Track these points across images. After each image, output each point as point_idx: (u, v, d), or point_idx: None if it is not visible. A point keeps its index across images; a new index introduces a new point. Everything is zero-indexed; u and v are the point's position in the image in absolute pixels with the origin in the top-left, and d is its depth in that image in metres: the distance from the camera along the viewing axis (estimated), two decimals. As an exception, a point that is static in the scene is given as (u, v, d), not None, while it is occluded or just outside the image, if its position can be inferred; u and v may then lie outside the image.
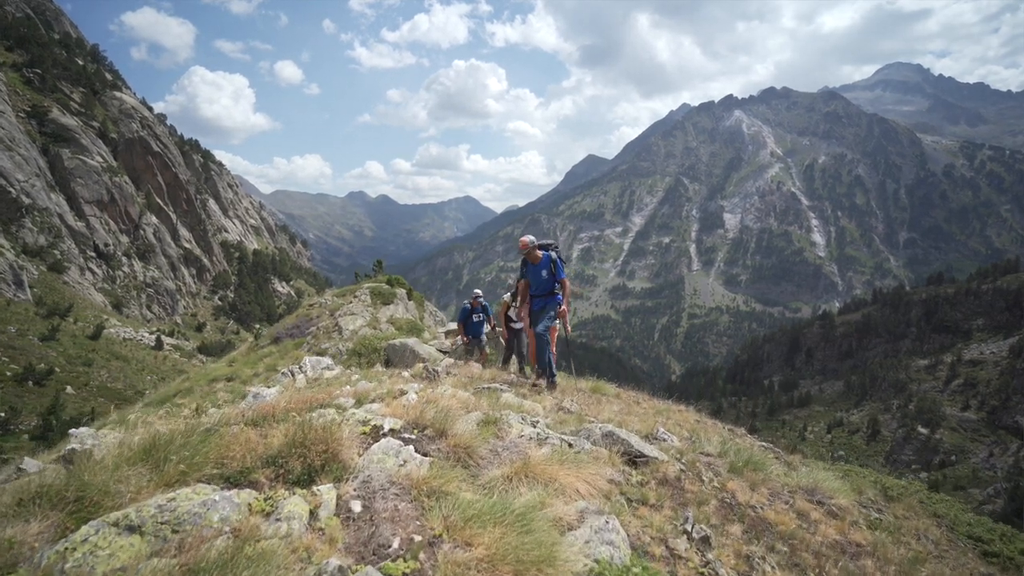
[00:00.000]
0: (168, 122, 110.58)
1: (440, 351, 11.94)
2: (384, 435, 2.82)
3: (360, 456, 2.43)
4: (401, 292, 21.88)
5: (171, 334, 65.56)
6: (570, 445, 3.34)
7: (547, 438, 3.30)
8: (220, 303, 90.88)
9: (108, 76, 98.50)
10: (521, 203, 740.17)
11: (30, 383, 35.80)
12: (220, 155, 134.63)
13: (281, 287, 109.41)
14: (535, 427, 3.56)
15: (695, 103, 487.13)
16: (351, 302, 19.52)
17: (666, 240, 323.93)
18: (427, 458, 2.63)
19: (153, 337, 57.18)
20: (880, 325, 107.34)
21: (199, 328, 78.57)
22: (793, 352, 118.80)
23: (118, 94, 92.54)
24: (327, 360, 6.57)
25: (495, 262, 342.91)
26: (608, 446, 3.45)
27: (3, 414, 30.78)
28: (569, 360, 7.94)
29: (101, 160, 77.29)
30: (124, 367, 45.63)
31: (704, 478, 3.60)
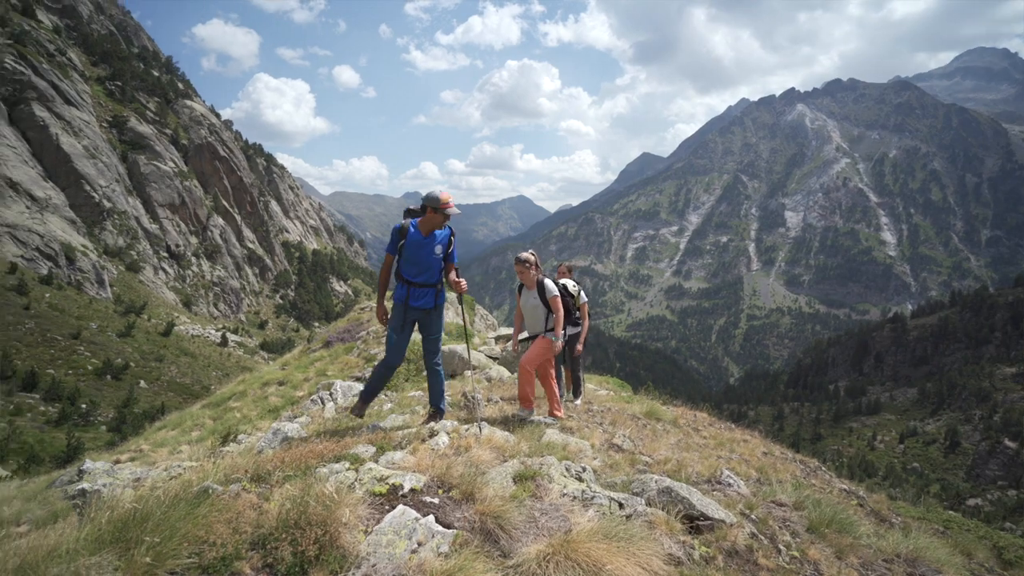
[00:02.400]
0: (234, 128, 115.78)
1: (490, 357, 11.59)
2: (403, 496, 2.44)
3: (367, 535, 2.06)
4: (452, 297, 21.75)
5: (235, 331, 68.47)
6: (620, 505, 2.87)
7: (593, 498, 2.84)
8: (281, 301, 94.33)
9: (180, 85, 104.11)
10: (575, 202, 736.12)
11: (108, 377, 38.00)
12: (282, 158, 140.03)
13: (339, 286, 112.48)
14: (580, 480, 3.10)
15: (754, 98, 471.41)
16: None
17: (724, 239, 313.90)
18: (450, 531, 2.23)
19: (219, 334, 59.84)
20: (959, 329, 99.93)
21: (261, 326, 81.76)
22: (861, 356, 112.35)
23: (189, 102, 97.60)
24: (359, 387, 6.29)
25: (548, 262, 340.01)
26: (665, 506, 2.95)
27: (84, 406, 32.76)
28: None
29: (173, 165, 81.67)
30: (192, 363, 47.84)
31: (780, 544, 3.05)
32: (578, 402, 6.71)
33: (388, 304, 4.74)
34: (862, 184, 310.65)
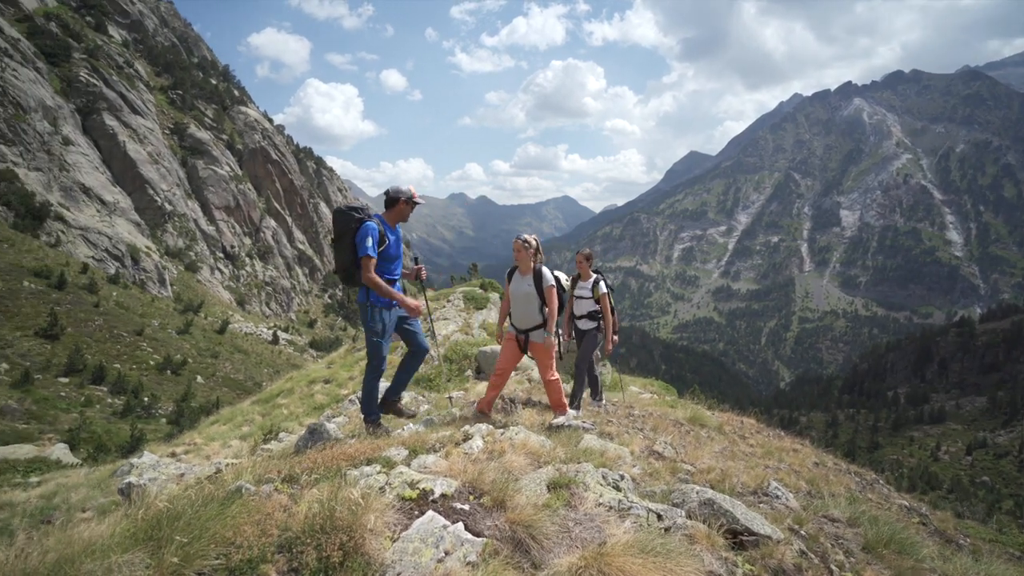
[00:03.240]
0: (286, 132, 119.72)
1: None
2: (433, 501, 2.40)
3: (394, 542, 2.02)
4: (494, 296, 21.78)
5: (286, 330, 70.77)
6: (659, 517, 2.74)
7: (630, 508, 2.72)
8: (330, 301, 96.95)
9: (236, 93, 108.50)
10: (620, 202, 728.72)
11: (168, 372, 39.91)
12: (331, 161, 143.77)
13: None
14: (617, 489, 2.98)
15: (807, 93, 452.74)
16: (444, 307, 19.67)
17: (774, 239, 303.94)
18: (479, 539, 2.17)
19: (270, 332, 61.97)
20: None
21: (311, 324, 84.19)
22: (923, 362, 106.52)
23: (244, 108, 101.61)
24: None
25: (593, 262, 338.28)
26: (707, 519, 2.81)
27: (147, 399, 34.50)
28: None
29: (229, 169, 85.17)
30: (245, 360, 49.70)
31: (832, 564, 2.85)
32: (600, 406, 6.12)
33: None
34: (925, 181, 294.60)
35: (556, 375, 5.03)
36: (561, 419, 4.80)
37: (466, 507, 2.38)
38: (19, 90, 58.12)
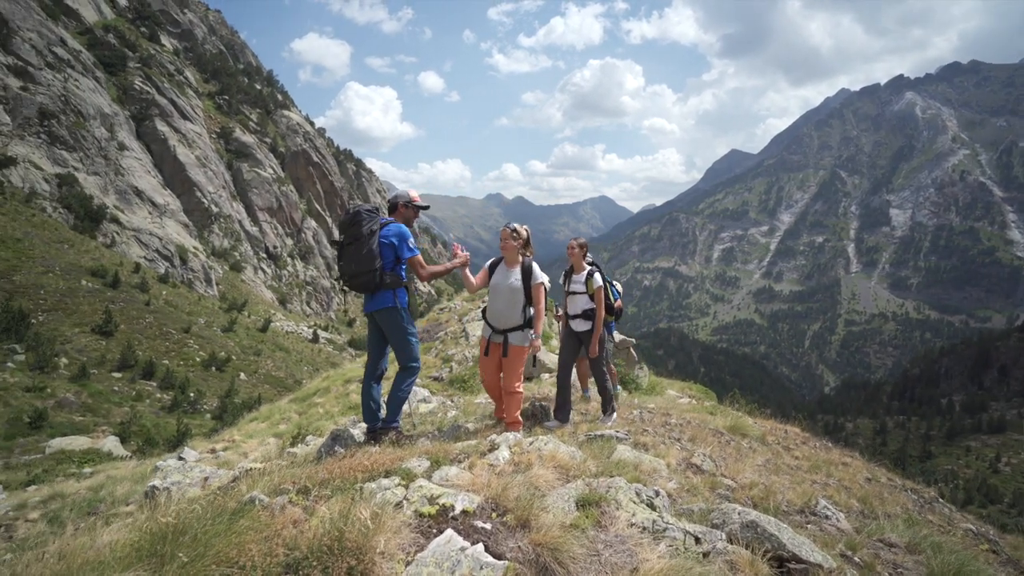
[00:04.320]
0: (326, 135, 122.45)
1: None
2: (454, 518, 2.26)
3: (408, 565, 1.89)
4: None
5: (326, 328, 72.25)
6: (697, 540, 2.54)
7: (665, 529, 2.52)
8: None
9: (279, 97, 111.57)
10: (658, 202, 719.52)
11: (213, 369, 41.20)
12: (370, 163, 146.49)
13: (423, 286, 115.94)
14: (651, 507, 2.78)
15: (855, 88, 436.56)
16: (479, 307, 19.63)
17: (819, 239, 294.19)
18: (500, 562, 2.01)
19: (311, 331, 63.36)
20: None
21: (350, 323, 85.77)
22: (981, 368, 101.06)
23: (286, 112, 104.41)
24: (423, 392, 6.24)
25: (630, 262, 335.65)
26: (749, 543, 2.58)
27: (193, 395, 35.70)
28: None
29: (272, 172, 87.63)
30: (286, 358, 50.92)
31: (892, 598, 2.59)
32: (609, 420, 5.24)
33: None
34: (984, 177, 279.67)
35: (522, 388, 4.54)
36: (511, 436, 3.84)
37: (488, 526, 2.23)
38: (80, 99, 61.14)
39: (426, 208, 4.69)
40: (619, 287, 6.50)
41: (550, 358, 10.76)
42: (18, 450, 21.57)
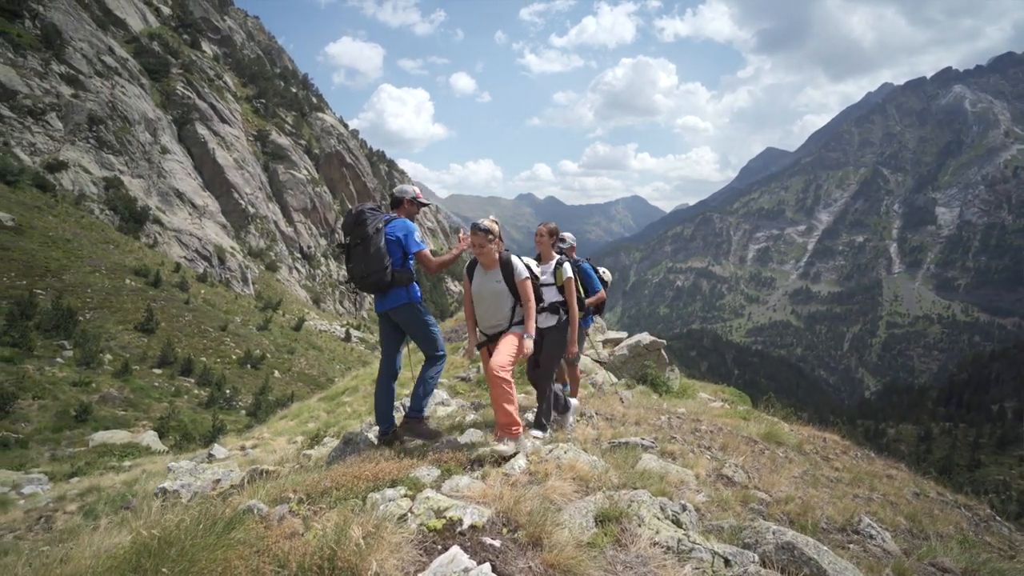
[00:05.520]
0: (359, 136, 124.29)
1: (597, 361, 11.08)
2: (461, 533, 2.12)
3: (407, 586, 1.76)
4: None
5: (358, 327, 73.27)
6: (726, 562, 2.33)
7: (692, 550, 2.32)
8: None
9: (314, 100, 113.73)
10: (691, 201, 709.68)
11: (248, 366, 42.15)
12: (402, 164, 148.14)
13: (454, 286, 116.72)
14: (677, 524, 2.58)
15: (898, 82, 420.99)
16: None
17: (859, 239, 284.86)
18: (509, 584, 1.87)
19: (343, 330, 64.34)
20: None
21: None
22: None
23: (320, 115, 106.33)
24: (442, 395, 6.11)
25: (663, 263, 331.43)
26: (785, 567, 2.36)
27: (228, 392, 36.58)
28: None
29: (306, 173, 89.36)
30: (319, 356, 51.79)
31: (947, 633, 2.34)
32: (538, 433, 4.34)
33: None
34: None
35: (509, 375, 3.80)
36: (507, 447, 3.47)
37: (497, 543, 2.08)
38: (126, 105, 63.50)
39: (427, 205, 4.64)
40: (607, 275, 5.96)
41: (582, 360, 10.54)
42: (65, 442, 22.37)
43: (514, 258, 4.14)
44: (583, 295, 5.11)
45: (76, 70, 59.85)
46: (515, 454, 3.36)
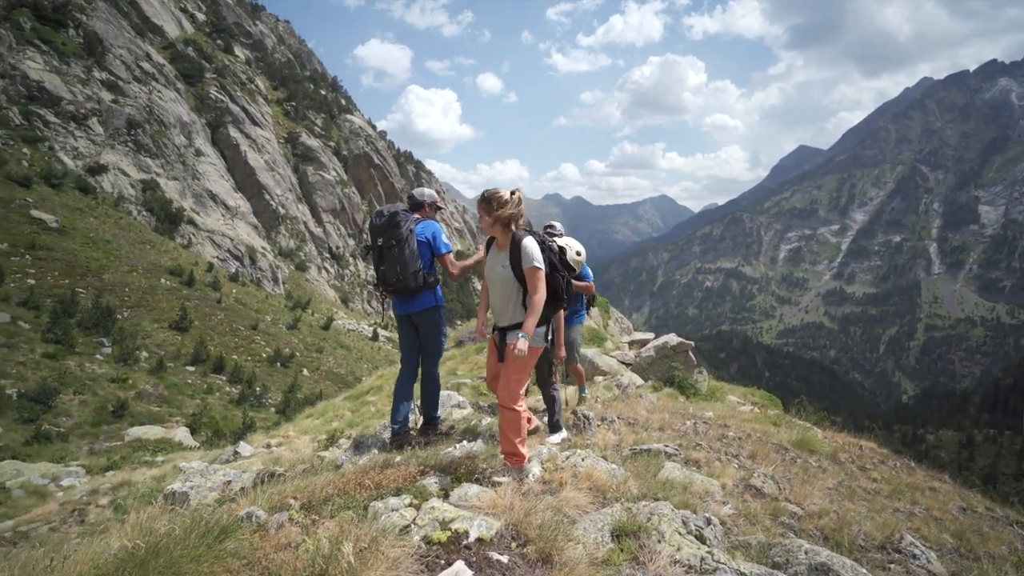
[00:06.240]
0: (388, 137, 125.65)
1: (623, 363, 10.88)
2: (467, 547, 2.01)
3: (405, 607, 1.66)
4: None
5: (385, 327, 73.97)
6: (753, 585, 2.17)
7: (716, 570, 2.16)
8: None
9: (343, 102, 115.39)
10: (720, 201, 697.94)
11: (278, 364, 42.92)
12: (430, 164, 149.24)
13: (480, 285, 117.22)
14: (700, 540, 2.42)
15: (938, 76, 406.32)
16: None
17: (896, 239, 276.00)
18: (516, 605, 1.75)
19: (371, 329, 65.07)
20: None
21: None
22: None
23: (349, 116, 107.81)
24: (458, 397, 6.02)
25: (691, 263, 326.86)
26: (819, 591, 2.19)
27: (258, 389, 37.30)
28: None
29: (335, 174, 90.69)
30: (347, 355, 52.44)
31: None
32: (555, 438, 4.19)
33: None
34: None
35: (522, 405, 3.28)
36: (544, 450, 3.36)
37: (504, 558, 1.96)
38: (163, 109, 65.40)
39: (442, 209, 4.66)
40: (575, 252, 4.75)
41: (606, 361, 10.34)
42: (103, 436, 23.07)
43: (527, 240, 3.29)
44: (560, 291, 4.43)
45: (116, 76, 61.85)
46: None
